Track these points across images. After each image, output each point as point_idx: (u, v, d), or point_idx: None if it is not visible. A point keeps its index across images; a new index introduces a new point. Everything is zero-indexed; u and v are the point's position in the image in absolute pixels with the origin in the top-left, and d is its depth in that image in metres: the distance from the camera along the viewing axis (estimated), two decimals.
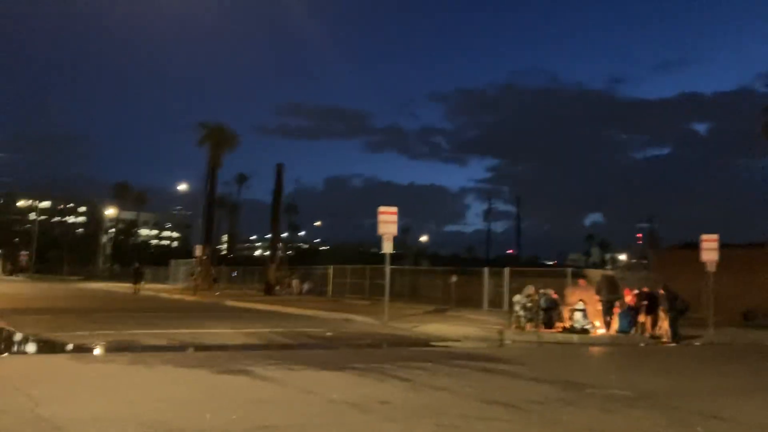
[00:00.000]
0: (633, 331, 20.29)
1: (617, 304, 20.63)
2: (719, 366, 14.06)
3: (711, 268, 23.79)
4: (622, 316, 20.43)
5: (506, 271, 28.89)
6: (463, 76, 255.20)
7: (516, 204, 54.74)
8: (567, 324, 20.36)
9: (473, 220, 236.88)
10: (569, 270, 26.44)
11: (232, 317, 22.72)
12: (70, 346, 12.85)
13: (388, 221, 22.17)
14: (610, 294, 20.19)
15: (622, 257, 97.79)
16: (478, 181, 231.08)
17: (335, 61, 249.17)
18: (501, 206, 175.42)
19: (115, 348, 12.98)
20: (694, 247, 39.24)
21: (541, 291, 20.85)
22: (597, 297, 20.55)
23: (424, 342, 17.42)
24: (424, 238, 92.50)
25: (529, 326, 20.30)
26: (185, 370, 9.76)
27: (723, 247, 37.32)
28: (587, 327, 19.89)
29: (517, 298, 20.89)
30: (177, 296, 37.90)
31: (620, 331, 20.27)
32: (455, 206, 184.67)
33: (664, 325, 20.55)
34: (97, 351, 12.80)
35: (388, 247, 22.36)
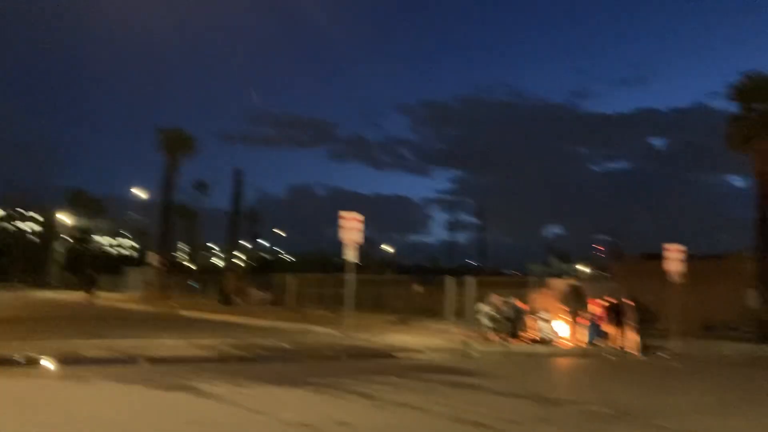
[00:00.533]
0: (600, 342, 19.77)
1: (581, 314, 20.12)
2: (693, 380, 13.51)
3: (675, 278, 23.46)
4: (589, 327, 19.90)
5: (470, 280, 28.18)
6: (428, 88, 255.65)
7: (479, 215, 54.56)
8: (532, 334, 19.74)
9: (437, 231, 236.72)
10: (532, 279, 25.90)
11: (185, 327, 21.50)
12: None
13: (350, 227, 21.27)
14: (576, 303, 19.65)
15: (582, 268, 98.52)
16: (442, 192, 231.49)
17: (298, 69, 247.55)
18: (464, 217, 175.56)
19: (49, 361, 11.80)
20: (656, 258, 39.30)
21: (507, 300, 20.21)
22: (563, 306, 20.01)
23: (387, 353, 16.55)
24: (388, 248, 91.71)
25: (494, 336, 19.62)
26: (122, 386, 8.71)
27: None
28: (552, 337, 19.29)
29: (481, 307, 20.19)
30: (129, 305, 36.30)
31: (587, 342, 19.73)
32: (419, 217, 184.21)
33: (630, 336, 20.07)
34: (26, 364, 11.60)
35: (350, 255, 21.45)
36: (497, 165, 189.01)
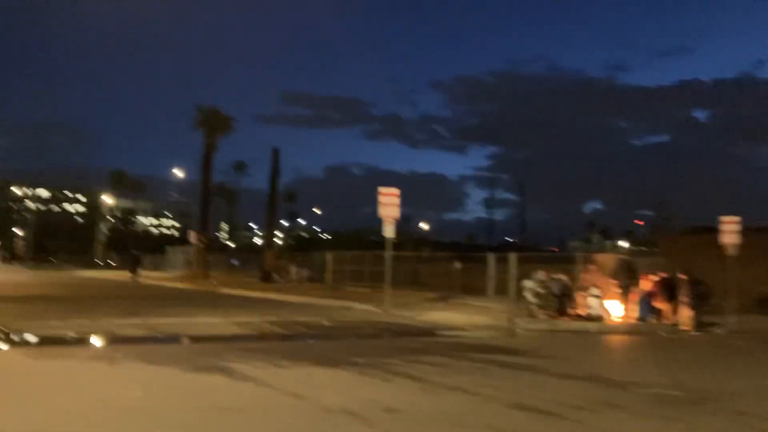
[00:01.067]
0: (652, 319, 18.77)
1: (633, 289, 19.11)
2: (760, 359, 12.49)
3: (732, 251, 22.22)
4: (641, 303, 18.89)
5: (512, 256, 27.16)
6: (462, 63, 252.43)
7: (519, 191, 53.19)
8: (581, 311, 18.83)
9: (473, 208, 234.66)
10: (579, 255, 24.87)
11: (225, 305, 21.11)
12: (31, 338, 11.23)
13: (389, 203, 20.56)
14: (627, 279, 18.63)
15: (623, 243, 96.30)
16: (477, 169, 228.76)
17: (332, 49, 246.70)
18: (501, 194, 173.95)
19: (82, 340, 11.38)
20: (705, 231, 37.77)
21: (554, 276, 19.29)
22: (613, 282, 19.00)
23: (430, 331, 15.87)
24: (424, 226, 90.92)
25: (541, 313, 18.77)
26: (153, 367, 8.14)
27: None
28: (602, 314, 18.35)
29: (528, 283, 19.32)
30: (171, 284, 36.30)
31: (639, 318, 18.72)
32: (455, 194, 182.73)
33: (684, 312, 19.01)
34: (60, 344, 11.21)
35: (389, 231, 20.77)
36: (534, 140, 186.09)
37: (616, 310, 19.05)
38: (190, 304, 21.30)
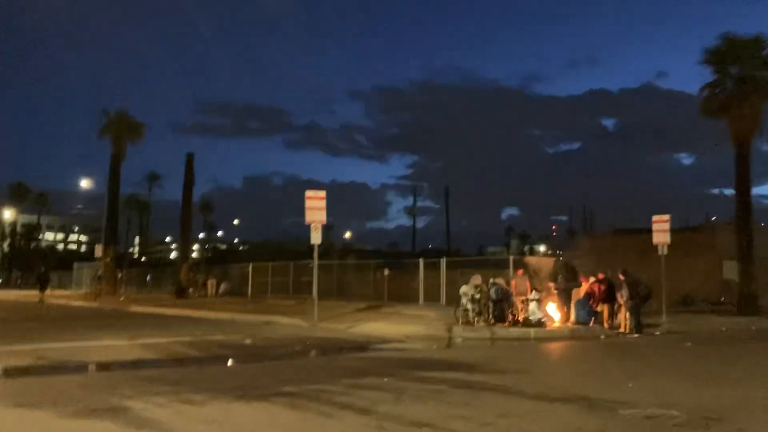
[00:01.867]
0: (592, 323, 17.89)
1: (573, 292, 18.20)
2: (722, 363, 11.55)
3: (662, 251, 21.77)
4: (579, 305, 17.99)
5: (443, 261, 26.12)
6: (381, 74, 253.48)
7: (437, 198, 52.11)
8: (520, 316, 17.73)
9: (395, 216, 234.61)
10: (511, 258, 23.92)
11: (134, 325, 18.82)
12: None
13: (316, 207, 18.91)
14: (568, 281, 17.66)
15: (542, 248, 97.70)
16: (398, 177, 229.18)
17: (251, 59, 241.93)
18: (421, 202, 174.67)
19: None
20: (625, 233, 37.89)
21: (491, 281, 18.12)
22: (552, 285, 18.03)
23: (365, 345, 14.30)
24: (348, 235, 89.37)
25: (477, 321, 17.55)
26: (19, 412, 6.13)
27: (649, 231, 35.87)
28: (543, 319, 17.30)
29: (464, 289, 18.07)
30: (78, 303, 33.21)
31: (579, 322, 17.80)
32: (377, 203, 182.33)
33: (622, 314, 18.23)
34: None
35: (316, 237, 19.11)
36: (452, 149, 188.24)
37: (554, 313, 18.08)
38: (93, 324, 18.92)
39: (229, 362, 11.38)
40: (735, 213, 26.47)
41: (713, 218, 46.75)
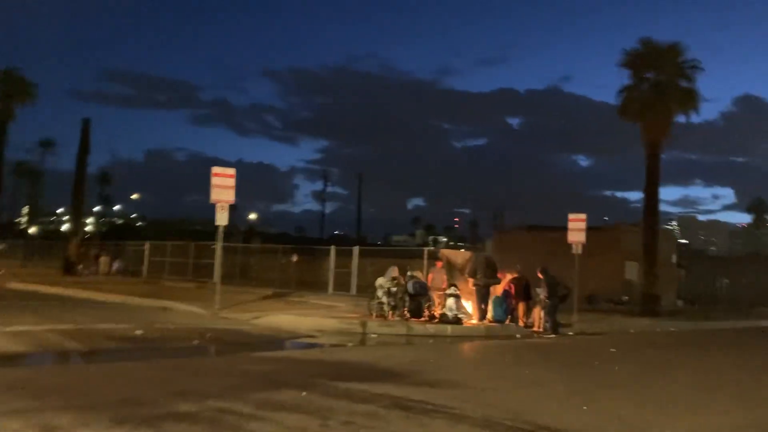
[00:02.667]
0: (508, 321, 17.19)
1: (492, 288, 17.44)
2: (665, 376, 10.87)
3: (577, 250, 21.43)
4: (496, 303, 17.23)
5: (355, 250, 24.91)
6: (297, 55, 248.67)
7: (358, 182, 50.94)
8: (436, 312, 16.79)
9: (302, 200, 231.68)
10: (425, 250, 23.01)
11: (7, 307, 16.46)
12: None
13: (223, 186, 17.17)
14: (487, 277, 16.82)
15: (445, 239, 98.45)
16: (308, 161, 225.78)
17: (160, 27, 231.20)
18: (330, 188, 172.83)
19: None
20: (534, 229, 38.00)
21: (409, 273, 17.06)
22: (471, 280, 17.15)
23: (274, 340, 12.89)
24: (253, 216, 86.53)
25: (392, 315, 16.46)
26: None
27: (559, 229, 35.99)
28: (460, 316, 16.42)
29: (380, 281, 16.90)
30: None
31: (495, 320, 17.05)
32: (285, 186, 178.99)
33: (537, 313, 17.67)
34: None
35: (222, 218, 17.36)
36: (364, 136, 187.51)
37: (471, 310, 17.26)
38: None
39: (113, 358, 9.69)
40: (642, 214, 26.74)
41: (607, 219, 48.02)
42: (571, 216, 21.26)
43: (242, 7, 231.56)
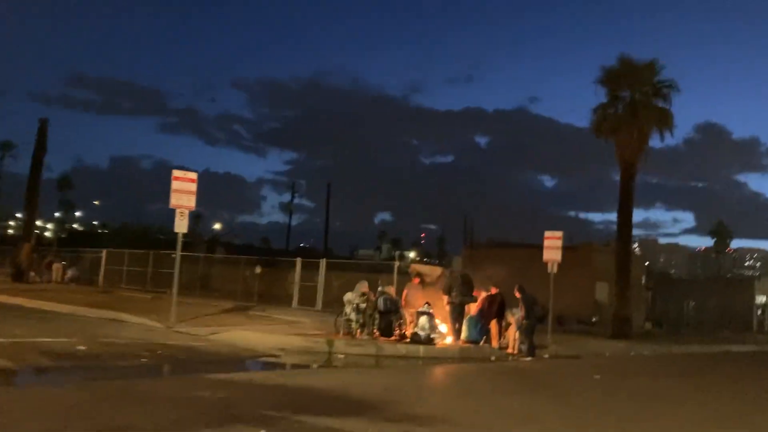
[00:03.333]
0: (483, 342, 16.21)
1: (468, 307, 16.47)
2: (669, 399, 9.98)
3: (552, 269, 20.63)
4: (471, 322, 16.24)
5: (322, 263, 23.76)
6: (268, 66, 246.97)
7: (327, 193, 49.63)
8: (407, 331, 15.74)
9: (269, 212, 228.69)
10: (396, 264, 22.02)
11: None
12: None
13: (184, 190, 15.98)
14: (463, 295, 15.83)
15: (412, 254, 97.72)
16: (276, 173, 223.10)
17: (131, 33, 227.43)
18: (297, 200, 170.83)
19: None
20: (504, 246, 37.29)
21: (380, 289, 16.00)
22: (445, 298, 16.13)
23: (231, 359, 11.69)
24: (217, 226, 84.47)
25: (361, 333, 15.37)
26: None
27: (530, 246, 35.31)
28: (433, 336, 15.39)
29: (348, 296, 15.79)
30: None
31: (469, 340, 16.06)
32: (251, 197, 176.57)
33: (510, 333, 16.74)
34: None
35: (181, 225, 16.16)
36: (333, 149, 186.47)
37: (445, 329, 16.24)
38: None
39: (46, 380, 8.42)
40: (616, 233, 26.14)
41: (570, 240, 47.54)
42: (547, 233, 20.47)
43: (214, 16, 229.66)
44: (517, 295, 16.18)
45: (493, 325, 16.57)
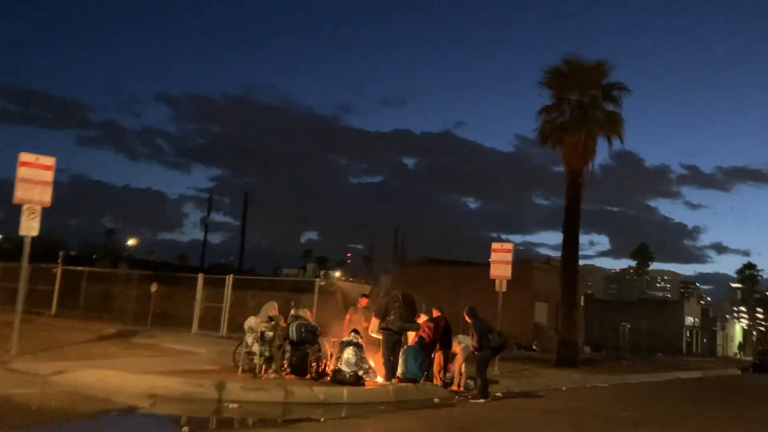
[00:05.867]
0: (423, 379, 12.46)
1: (408, 335, 12.70)
2: None
3: (501, 286, 17.28)
4: (410, 354, 12.45)
5: (228, 279, 19.50)
6: (194, 80, 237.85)
7: (243, 204, 45.08)
8: (328, 367, 11.85)
9: (191, 230, 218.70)
10: (317, 282, 18.13)
11: None
12: None
13: (36, 180, 11.71)
14: (404, 320, 12.01)
15: (337, 274, 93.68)
16: (200, 190, 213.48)
17: (51, 42, 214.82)
18: (221, 217, 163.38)
19: None
20: (437, 263, 33.93)
21: (292, 313, 12.05)
22: (377, 323, 12.31)
23: (67, 415, 7.51)
24: (131, 242, 77.79)
25: (267, 371, 11.36)
26: None
27: (465, 264, 31.89)
28: (362, 373, 11.55)
29: (251, 322, 11.75)
30: None
31: (407, 378, 12.28)
32: (173, 213, 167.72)
33: (456, 367, 13.13)
34: None
35: (29, 227, 11.86)
36: (259, 167, 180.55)
37: (374, 364, 12.42)
38: None
39: None
40: (562, 249, 23.13)
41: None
42: (494, 245, 17.08)
43: (139, 28, 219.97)
44: (468, 320, 12.60)
45: (438, 358, 12.91)
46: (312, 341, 11.62)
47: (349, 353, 11.46)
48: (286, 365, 11.51)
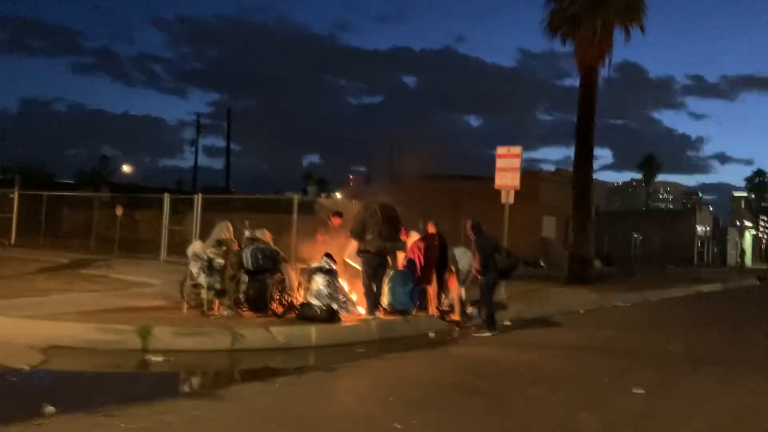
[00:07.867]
0: (414, 310, 10.03)
1: (394, 258, 10.20)
2: None
3: (507, 198, 14.61)
4: (396, 281, 9.94)
5: (197, 198, 16.84)
6: (188, 3, 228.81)
7: (227, 118, 41.92)
8: (296, 299, 9.40)
9: (191, 156, 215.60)
10: (296, 198, 15.56)
11: None
12: None
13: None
14: (384, 239, 9.39)
15: (338, 195, 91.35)
16: (200, 115, 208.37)
17: None
18: (220, 143, 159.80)
19: None
20: (437, 178, 31.20)
21: (247, 234, 9.46)
22: (355, 244, 9.75)
23: None
24: (127, 168, 75.05)
25: (219, 307, 8.90)
26: None
27: (467, 178, 29.42)
28: (339, 306, 9.10)
29: (195, 248, 9.13)
30: None
31: (395, 309, 9.83)
32: (172, 139, 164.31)
33: (454, 292, 10.67)
34: None
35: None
36: (257, 91, 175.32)
37: (356, 297, 9.95)
38: None
39: None
40: (575, 156, 20.33)
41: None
42: (500, 150, 14.27)
43: None
44: (471, 236, 10.03)
45: (432, 283, 10.41)
46: (273, 269, 9.07)
47: (319, 282, 8.95)
48: (243, 299, 9.04)
